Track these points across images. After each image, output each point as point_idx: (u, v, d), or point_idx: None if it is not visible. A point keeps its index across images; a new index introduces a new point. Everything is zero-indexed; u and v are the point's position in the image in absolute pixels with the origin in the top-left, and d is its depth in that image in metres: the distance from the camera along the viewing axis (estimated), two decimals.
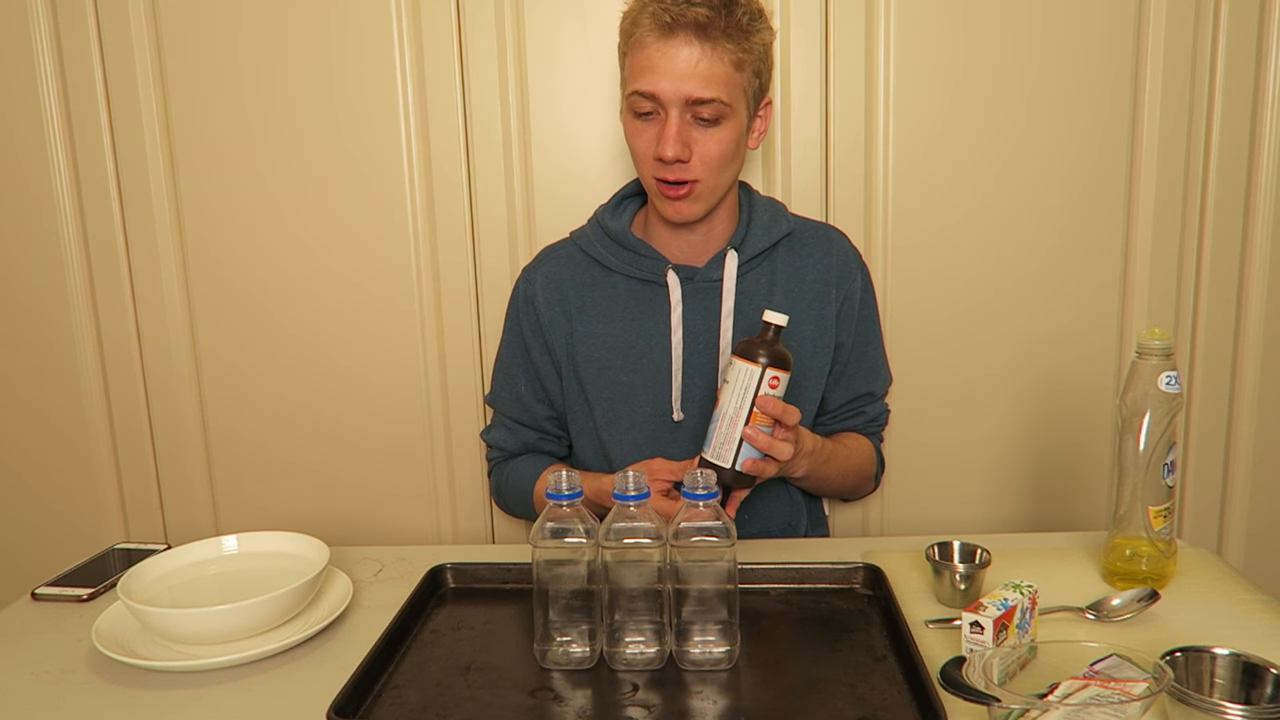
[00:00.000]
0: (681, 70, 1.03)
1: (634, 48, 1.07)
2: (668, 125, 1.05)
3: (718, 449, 0.99)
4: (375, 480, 1.55)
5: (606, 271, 1.22)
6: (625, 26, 1.09)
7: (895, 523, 1.54)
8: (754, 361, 0.98)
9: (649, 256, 1.19)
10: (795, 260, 1.22)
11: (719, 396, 1.01)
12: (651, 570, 0.85)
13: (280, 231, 1.49)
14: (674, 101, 1.04)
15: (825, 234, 1.26)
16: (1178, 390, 0.95)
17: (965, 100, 1.41)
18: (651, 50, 1.04)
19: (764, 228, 1.20)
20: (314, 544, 1.03)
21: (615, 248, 1.22)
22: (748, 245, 1.19)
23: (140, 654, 0.90)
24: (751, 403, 0.98)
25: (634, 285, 1.21)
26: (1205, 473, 1.53)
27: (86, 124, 1.47)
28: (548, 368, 1.25)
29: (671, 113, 1.05)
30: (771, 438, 0.99)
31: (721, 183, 1.12)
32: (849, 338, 1.25)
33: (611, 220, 1.22)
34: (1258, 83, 1.41)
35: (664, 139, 1.05)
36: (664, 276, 1.18)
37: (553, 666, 0.86)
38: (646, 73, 1.04)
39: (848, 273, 1.24)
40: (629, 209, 1.25)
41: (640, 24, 1.05)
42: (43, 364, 1.55)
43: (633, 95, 1.07)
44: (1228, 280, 1.47)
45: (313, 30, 1.42)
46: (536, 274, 1.26)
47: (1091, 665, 0.75)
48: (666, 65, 1.03)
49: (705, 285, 1.19)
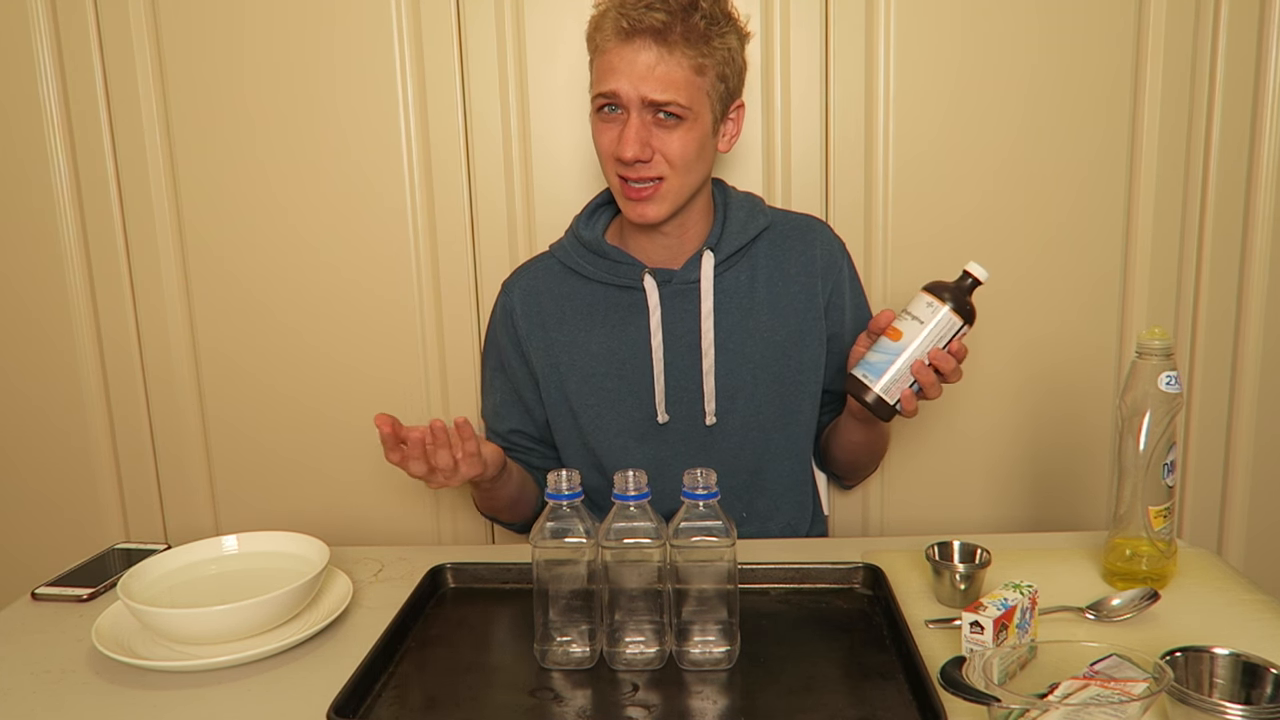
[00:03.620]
0: (639, 73, 1.06)
1: (597, 52, 1.10)
2: (628, 126, 1.08)
3: (889, 383, 1.03)
4: (375, 480, 1.55)
5: (584, 280, 1.23)
6: (589, 32, 1.12)
7: (895, 523, 1.54)
8: (958, 313, 1.02)
9: (624, 262, 1.20)
10: (777, 254, 1.22)
11: (898, 328, 1.04)
12: (651, 570, 0.85)
13: (280, 231, 1.49)
14: (633, 102, 1.07)
15: (807, 225, 1.26)
16: (1178, 390, 0.95)
17: (965, 100, 1.41)
18: (612, 55, 1.07)
19: (739, 225, 1.20)
20: (314, 544, 1.03)
21: (591, 256, 1.22)
22: (724, 244, 1.19)
23: (140, 654, 0.90)
24: (941, 347, 1.02)
25: (612, 292, 1.21)
26: (1205, 473, 1.53)
27: (86, 124, 1.47)
28: (523, 379, 1.26)
29: (632, 114, 1.07)
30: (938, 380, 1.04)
31: (687, 184, 1.13)
32: (841, 328, 1.24)
33: (585, 229, 1.23)
34: (1258, 83, 1.41)
35: (624, 139, 1.08)
36: (641, 281, 1.19)
37: (553, 666, 0.86)
38: (607, 74, 1.08)
39: (833, 263, 1.24)
40: (603, 217, 1.26)
41: (602, 29, 1.08)
42: (43, 364, 1.55)
43: (596, 96, 1.10)
44: (1228, 280, 1.47)
45: (313, 29, 1.42)
46: (515, 287, 1.27)
47: (1091, 665, 0.75)
48: (625, 68, 1.06)
49: (683, 288, 1.19)
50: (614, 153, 1.10)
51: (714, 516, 0.84)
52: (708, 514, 0.83)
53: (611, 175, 1.13)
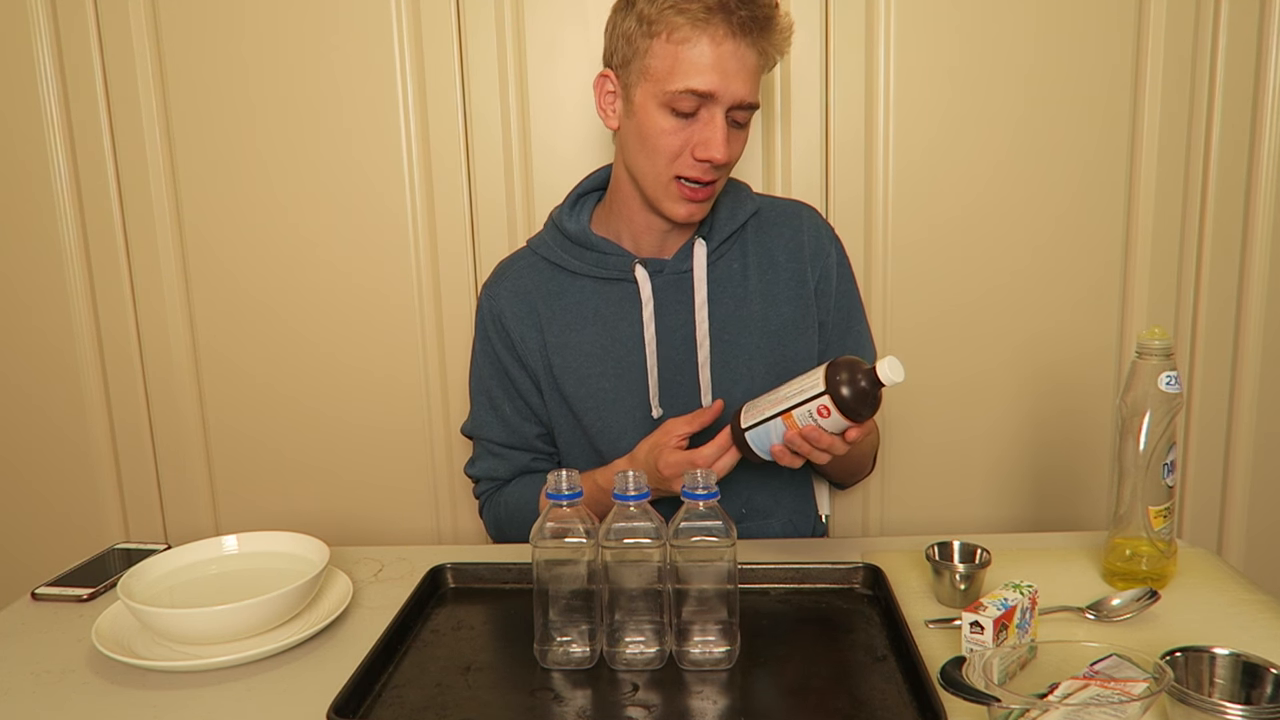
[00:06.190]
0: (736, 73, 1.00)
1: (682, 38, 0.99)
2: (715, 128, 1.02)
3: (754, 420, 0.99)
4: (375, 480, 1.55)
5: (572, 276, 1.18)
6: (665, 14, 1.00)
7: (895, 523, 1.54)
8: (825, 380, 0.93)
9: (614, 254, 1.16)
10: (765, 240, 1.19)
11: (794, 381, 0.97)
12: (651, 570, 0.85)
13: (280, 231, 1.49)
14: (723, 103, 1.02)
15: (795, 211, 1.22)
16: (1178, 390, 0.95)
17: (965, 99, 1.41)
18: (706, 48, 0.99)
19: (729, 211, 1.18)
20: (314, 544, 1.03)
21: (577, 250, 1.18)
22: (715, 232, 1.16)
23: (140, 654, 0.90)
24: (791, 409, 0.95)
25: (602, 286, 1.17)
26: (1205, 473, 1.53)
27: (86, 124, 1.47)
28: (527, 384, 1.22)
29: (717, 115, 1.02)
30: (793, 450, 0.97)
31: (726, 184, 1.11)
32: (829, 315, 1.21)
33: (570, 221, 1.18)
34: (1258, 83, 1.41)
35: (713, 142, 1.02)
36: (632, 272, 1.15)
37: (553, 666, 0.86)
38: (703, 70, 0.99)
39: (821, 249, 1.20)
40: (586, 207, 1.21)
41: (689, 14, 0.98)
42: (43, 364, 1.55)
43: (683, 93, 1.00)
44: (1228, 280, 1.47)
45: (313, 30, 1.42)
46: (500, 289, 1.21)
47: (1091, 665, 0.75)
48: (728, 65, 0.99)
49: (675, 277, 1.16)
50: (693, 154, 1.04)
51: (714, 516, 0.83)
52: (708, 514, 0.83)
53: (667, 174, 1.06)
